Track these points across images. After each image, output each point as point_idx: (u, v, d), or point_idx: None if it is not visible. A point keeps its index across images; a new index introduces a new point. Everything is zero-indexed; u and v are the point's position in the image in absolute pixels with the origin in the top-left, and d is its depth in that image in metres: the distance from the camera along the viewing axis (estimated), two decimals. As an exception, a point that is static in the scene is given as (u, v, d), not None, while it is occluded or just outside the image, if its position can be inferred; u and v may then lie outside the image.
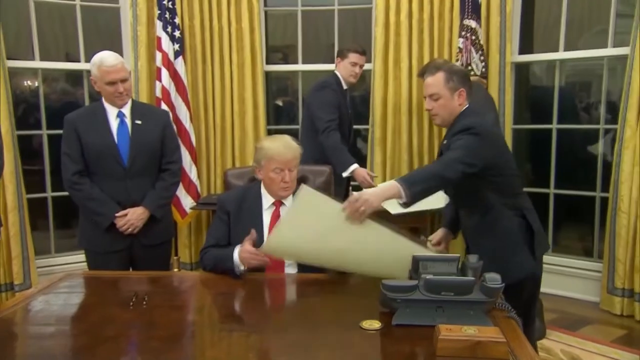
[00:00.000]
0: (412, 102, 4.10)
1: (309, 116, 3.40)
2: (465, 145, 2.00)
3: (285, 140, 2.19)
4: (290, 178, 2.14)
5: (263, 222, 2.21)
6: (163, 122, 2.65)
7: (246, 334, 1.55)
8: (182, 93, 4.08)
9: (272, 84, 4.71)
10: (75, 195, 2.52)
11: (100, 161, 2.50)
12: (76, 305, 1.89)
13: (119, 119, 2.54)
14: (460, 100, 2.13)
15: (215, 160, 4.39)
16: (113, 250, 2.53)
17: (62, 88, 4.41)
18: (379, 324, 1.57)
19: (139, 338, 1.59)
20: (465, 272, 1.65)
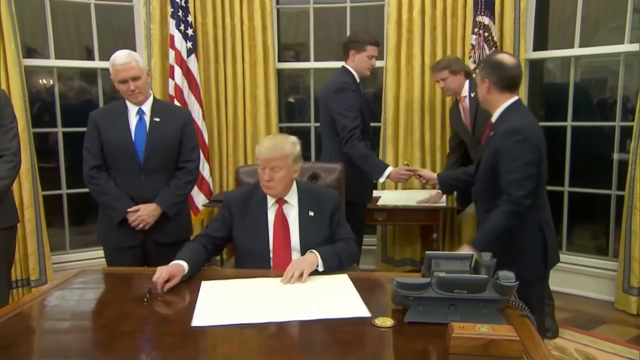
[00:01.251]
0: (424, 100, 4.09)
1: (329, 118, 3.14)
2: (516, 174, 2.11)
3: (278, 141, 2.20)
4: (270, 177, 2.15)
5: (268, 220, 2.22)
6: (183, 120, 2.66)
7: (258, 330, 1.56)
8: (195, 91, 4.11)
9: (284, 81, 4.72)
10: (92, 189, 2.57)
11: (117, 157, 2.54)
12: (91, 301, 1.91)
13: (138, 116, 2.57)
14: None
15: (228, 158, 4.41)
16: (126, 246, 2.57)
17: (78, 86, 4.46)
18: (392, 322, 1.57)
19: (153, 333, 1.61)
20: (479, 270, 1.64)
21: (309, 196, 2.27)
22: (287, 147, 2.19)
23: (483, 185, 2.30)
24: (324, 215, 2.24)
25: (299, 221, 2.22)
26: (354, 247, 2.24)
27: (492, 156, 2.20)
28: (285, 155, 2.17)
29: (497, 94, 2.25)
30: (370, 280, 2.04)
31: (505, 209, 2.13)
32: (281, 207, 2.24)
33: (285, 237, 2.20)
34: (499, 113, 2.26)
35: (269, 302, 1.77)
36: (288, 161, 2.18)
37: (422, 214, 3.60)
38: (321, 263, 2.03)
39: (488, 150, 2.24)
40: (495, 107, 2.27)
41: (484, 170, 2.29)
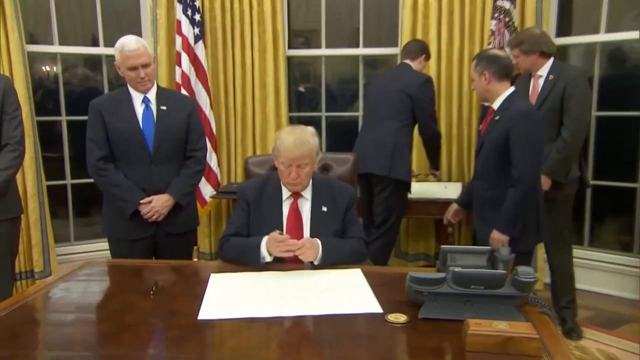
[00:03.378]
0: (440, 88, 4.07)
1: (400, 101, 3.48)
2: (528, 155, 2.44)
3: (301, 135, 2.15)
4: (297, 174, 2.14)
5: (283, 214, 2.22)
6: (188, 108, 2.67)
7: (267, 324, 1.57)
8: (202, 78, 4.12)
9: (294, 69, 4.71)
10: (100, 181, 2.57)
11: (125, 147, 2.54)
12: (96, 293, 1.93)
13: (144, 105, 2.57)
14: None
15: (236, 148, 4.43)
16: (136, 238, 2.58)
17: (82, 73, 4.49)
18: (405, 318, 1.57)
19: (159, 326, 1.62)
20: (496, 265, 1.64)
21: (323, 190, 2.26)
22: (311, 141, 2.16)
23: (486, 165, 2.60)
24: (337, 211, 2.24)
25: (311, 216, 2.22)
26: (362, 248, 2.23)
27: (500, 137, 2.49)
28: (311, 151, 2.15)
29: (497, 84, 2.58)
30: (383, 274, 2.04)
31: (521, 188, 2.44)
32: (296, 201, 2.23)
33: (298, 231, 2.20)
34: (502, 100, 2.58)
35: (279, 296, 1.77)
36: (313, 156, 2.17)
37: (437, 207, 3.58)
38: (319, 258, 2.04)
39: (494, 132, 2.54)
40: (496, 96, 2.59)
41: (488, 151, 2.58)
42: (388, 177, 3.44)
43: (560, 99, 2.97)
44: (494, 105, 2.61)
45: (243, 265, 2.07)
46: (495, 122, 2.56)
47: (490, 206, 2.57)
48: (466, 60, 4.02)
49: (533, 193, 2.49)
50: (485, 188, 2.61)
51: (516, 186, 2.45)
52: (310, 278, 1.94)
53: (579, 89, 2.97)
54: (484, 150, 2.62)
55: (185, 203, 2.63)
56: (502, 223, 2.48)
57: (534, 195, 2.51)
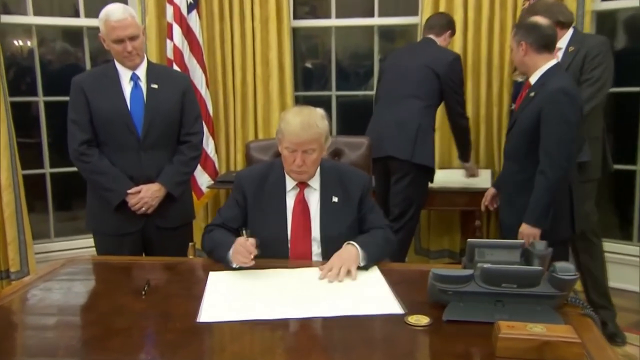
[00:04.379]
0: (466, 62, 4.05)
1: (427, 80, 3.47)
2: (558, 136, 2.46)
3: (308, 117, 2.13)
4: (303, 161, 2.12)
5: (286, 206, 2.23)
6: (183, 87, 2.68)
7: (271, 327, 1.58)
8: (197, 53, 4.12)
9: (300, 43, 4.70)
10: (83, 168, 2.59)
11: (111, 130, 2.55)
12: (81, 294, 1.95)
13: (132, 83, 2.58)
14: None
15: (236, 132, 4.43)
16: (124, 232, 2.60)
17: (61, 48, 4.50)
18: (427, 320, 1.58)
19: (153, 330, 1.64)
20: (531, 260, 1.64)
21: (333, 178, 2.26)
22: (320, 124, 2.15)
23: (517, 145, 2.64)
24: (350, 202, 2.24)
25: (320, 208, 2.22)
26: (392, 235, 2.26)
27: (533, 116, 2.52)
28: (320, 135, 2.14)
29: (535, 56, 2.59)
30: (402, 272, 2.05)
31: (550, 177, 2.46)
32: (302, 192, 2.23)
33: (305, 226, 2.21)
34: (540, 74, 2.59)
35: (285, 296, 1.79)
36: (321, 141, 2.16)
37: (463, 197, 3.59)
38: (362, 256, 2.03)
39: (527, 110, 2.57)
40: (534, 69, 2.61)
41: (520, 131, 2.61)
42: (410, 162, 3.38)
43: (580, 69, 3.00)
44: (531, 80, 2.63)
45: (218, 263, 2.10)
46: (530, 99, 2.58)
47: (519, 191, 2.60)
48: (496, 30, 4.00)
49: (564, 180, 2.51)
50: (515, 171, 2.65)
51: (545, 174, 2.48)
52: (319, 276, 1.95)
53: (599, 58, 2.99)
54: (516, 128, 2.65)
55: (179, 194, 2.65)
56: (532, 215, 2.50)
57: (565, 182, 2.54)
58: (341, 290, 1.84)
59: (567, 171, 2.51)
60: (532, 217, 2.51)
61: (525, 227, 2.51)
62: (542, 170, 2.48)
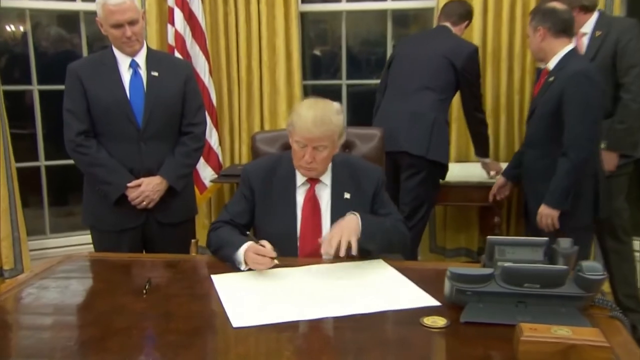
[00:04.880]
0: (486, 49, 4.04)
1: (441, 71, 3.44)
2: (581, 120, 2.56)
3: (323, 111, 2.11)
4: (312, 157, 2.11)
5: (296, 202, 2.22)
6: (185, 74, 2.69)
7: (278, 328, 1.58)
8: (200, 39, 4.12)
9: (309, 28, 4.70)
10: (80, 160, 2.60)
11: (109, 119, 2.56)
12: (78, 293, 1.96)
13: (131, 70, 2.59)
14: None
15: (240, 123, 4.44)
16: (124, 228, 2.62)
17: (56, 33, 4.51)
18: (444, 321, 1.58)
19: (154, 331, 1.65)
20: (555, 259, 1.63)
21: (345, 173, 2.26)
22: (335, 120, 2.13)
23: (539, 131, 2.76)
24: (363, 198, 2.24)
25: (331, 205, 2.22)
26: (403, 227, 2.25)
27: (554, 101, 2.63)
28: (332, 132, 2.13)
29: (552, 40, 2.70)
30: (417, 271, 2.04)
31: (573, 157, 2.57)
32: (313, 188, 2.23)
33: (315, 224, 2.21)
34: (558, 59, 2.70)
35: (311, 296, 1.80)
36: (334, 138, 2.15)
37: (481, 192, 3.56)
38: (361, 227, 2.02)
39: (547, 95, 2.68)
40: (552, 54, 2.72)
41: (540, 116, 2.72)
42: (424, 159, 3.34)
43: (612, 55, 2.98)
44: (549, 65, 2.73)
45: (224, 262, 2.10)
46: (549, 83, 2.69)
47: (541, 178, 2.71)
48: (518, 15, 3.98)
49: (587, 163, 2.61)
50: (537, 157, 2.76)
51: (567, 155, 2.59)
52: (333, 274, 1.96)
53: (634, 42, 2.98)
54: (536, 115, 2.76)
55: (181, 187, 2.66)
56: (552, 196, 2.63)
57: (589, 164, 2.63)
58: (366, 288, 1.86)
59: (590, 153, 2.61)
60: (551, 198, 2.63)
61: (544, 208, 2.65)
62: (565, 152, 2.59)
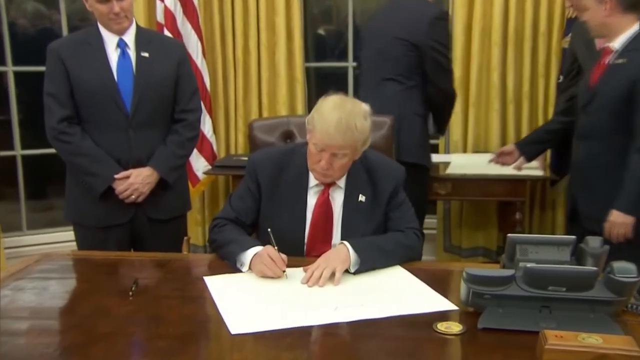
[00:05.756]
0: (507, 28, 4.04)
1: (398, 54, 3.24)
2: None
3: (348, 117, 2.03)
4: (329, 164, 2.07)
5: (306, 205, 2.21)
6: (177, 56, 2.69)
7: (278, 335, 1.58)
8: (192, 17, 4.11)
9: (312, 5, 4.69)
10: (62, 150, 2.59)
11: (95, 105, 2.56)
12: (59, 295, 1.96)
13: (119, 50, 2.59)
14: None
15: (237, 109, 4.44)
16: (110, 224, 2.62)
17: (33, 10, 4.49)
18: (460, 327, 1.58)
19: (141, 336, 1.64)
20: (583, 259, 1.63)
21: (361, 173, 2.22)
22: (360, 127, 2.05)
23: (600, 122, 2.61)
24: (379, 200, 2.22)
25: (343, 209, 2.20)
26: (413, 240, 2.19)
27: (623, 87, 2.51)
28: (356, 141, 2.07)
29: (620, 17, 2.57)
30: (430, 272, 2.04)
31: None
32: (327, 191, 2.20)
33: (326, 230, 2.20)
34: (627, 39, 2.59)
35: (315, 300, 1.80)
36: (357, 146, 2.10)
37: (502, 186, 3.56)
38: (354, 261, 2.00)
39: (614, 81, 2.56)
40: (619, 32, 2.60)
41: (603, 105, 2.59)
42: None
43: None
44: (614, 45, 2.61)
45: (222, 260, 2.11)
46: (615, 67, 2.57)
47: (600, 174, 2.60)
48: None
49: None
50: (596, 152, 2.63)
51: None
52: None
53: None
54: (597, 104, 2.62)
55: (173, 180, 2.66)
56: (625, 200, 2.48)
57: None
58: (375, 291, 1.87)
59: None
60: (625, 203, 2.48)
61: (616, 215, 2.48)
62: (639, 147, 2.47)
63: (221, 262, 2.13)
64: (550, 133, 3.23)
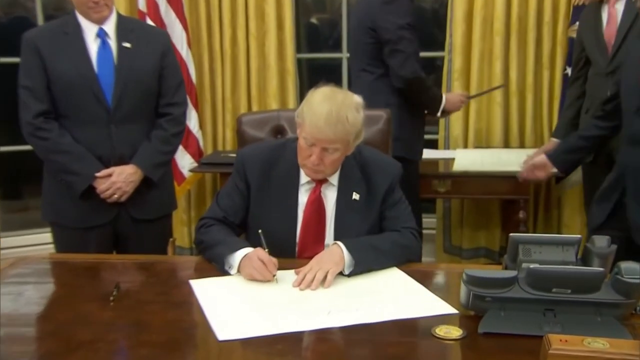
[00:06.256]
0: (510, 16, 4.05)
1: (366, 43, 3.30)
2: None
3: (339, 108, 2.03)
4: (320, 159, 2.07)
5: (298, 202, 2.21)
6: (162, 46, 2.68)
7: (268, 341, 1.58)
8: (176, 5, 4.11)
9: (304, -8, 4.69)
10: (39, 147, 2.59)
11: (74, 98, 2.55)
12: (35, 300, 1.95)
13: (99, 40, 2.58)
14: None
15: (224, 103, 4.44)
16: (91, 225, 2.61)
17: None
18: (460, 332, 1.58)
19: (123, 344, 1.64)
20: (589, 260, 1.63)
21: (355, 170, 2.23)
22: (351, 119, 2.05)
23: None
24: (374, 198, 2.22)
25: (336, 208, 2.21)
26: (411, 241, 2.19)
27: None
28: (347, 134, 2.07)
29: None
30: (428, 274, 2.06)
31: None
32: (319, 189, 2.20)
33: (318, 230, 2.20)
34: None
35: (308, 304, 1.80)
36: (348, 140, 2.10)
37: (504, 183, 3.57)
38: (348, 262, 2.00)
39: None
40: None
41: None
42: None
43: None
44: None
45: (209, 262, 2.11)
46: None
47: None
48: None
49: None
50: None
51: None
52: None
53: None
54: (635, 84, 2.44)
55: (158, 178, 2.66)
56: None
57: None
58: (370, 294, 1.87)
59: None
60: None
61: None
62: None
63: (208, 264, 2.12)
64: (588, 139, 2.86)
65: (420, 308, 1.75)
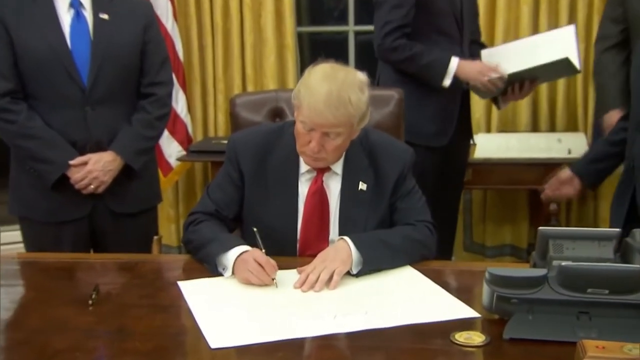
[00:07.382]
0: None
1: None
2: None
3: (340, 88, 2.02)
4: (320, 147, 2.06)
5: (298, 194, 2.21)
6: (144, 18, 2.69)
7: (266, 348, 1.58)
8: (161, -27, 4.10)
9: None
10: (5, 130, 2.59)
11: (44, 76, 2.55)
12: (4, 306, 1.93)
13: (73, 11, 2.58)
14: None
15: (215, 83, 4.46)
16: (65, 220, 2.62)
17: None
18: (482, 338, 1.58)
19: (104, 353, 1.65)
20: (630, 257, 1.63)
21: (361, 157, 2.23)
22: (355, 101, 2.03)
23: None
24: (383, 188, 2.22)
25: (340, 199, 2.21)
26: (425, 235, 2.19)
27: None
28: (350, 116, 2.05)
29: None
30: (447, 273, 2.06)
31: None
32: (321, 178, 2.20)
33: (321, 225, 2.21)
34: None
35: (311, 309, 1.81)
36: (352, 123, 2.08)
37: (532, 172, 3.58)
38: (357, 260, 2.01)
39: None
40: None
41: None
42: None
43: None
44: None
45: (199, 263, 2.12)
46: None
47: None
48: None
49: None
50: None
51: None
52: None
53: None
54: None
55: (140, 166, 2.67)
56: None
57: None
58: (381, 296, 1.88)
59: None
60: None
61: None
62: None
63: (198, 263, 2.13)
64: (617, 144, 2.65)
65: (437, 311, 1.76)
